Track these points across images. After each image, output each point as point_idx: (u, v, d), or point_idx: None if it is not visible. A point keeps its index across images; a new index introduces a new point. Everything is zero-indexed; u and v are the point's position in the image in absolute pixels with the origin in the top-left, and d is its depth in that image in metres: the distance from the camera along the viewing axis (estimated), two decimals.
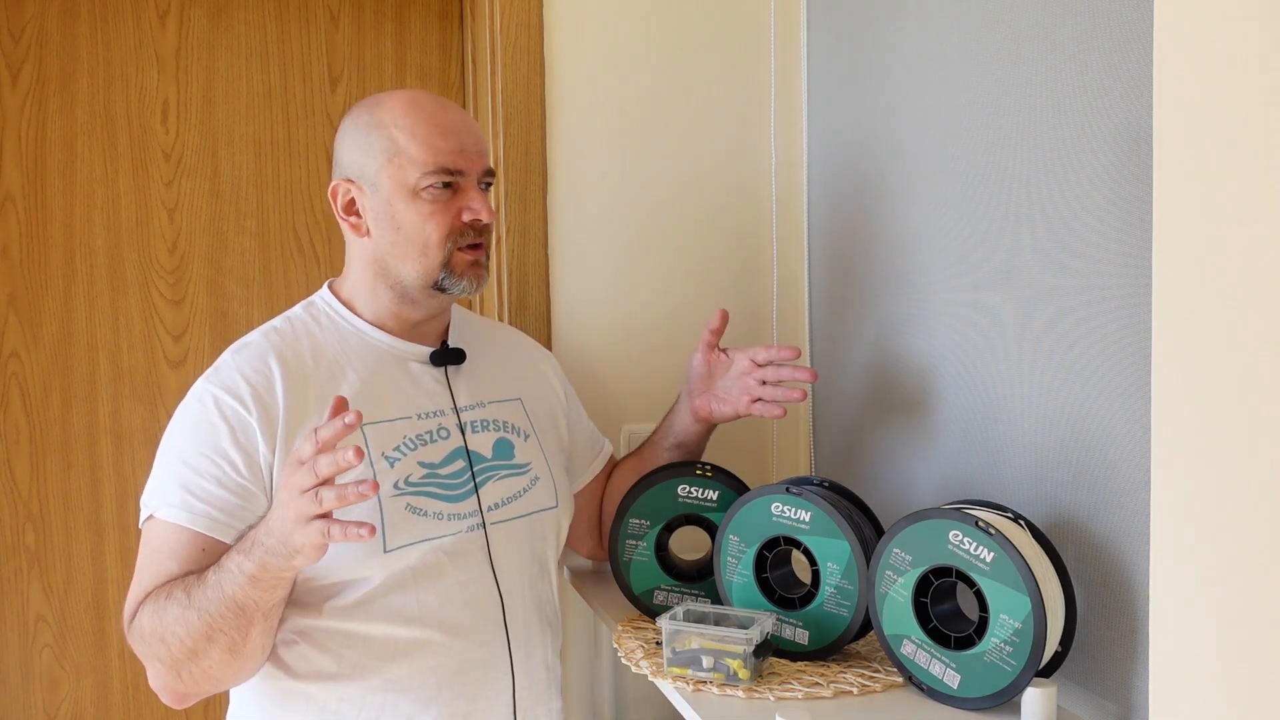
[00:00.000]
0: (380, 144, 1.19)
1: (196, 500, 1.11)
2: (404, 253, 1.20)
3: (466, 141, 1.20)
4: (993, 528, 1.03)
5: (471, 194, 1.20)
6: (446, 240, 1.19)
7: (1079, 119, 1.09)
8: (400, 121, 1.19)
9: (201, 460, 1.12)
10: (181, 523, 1.11)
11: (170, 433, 1.17)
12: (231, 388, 1.15)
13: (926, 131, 1.36)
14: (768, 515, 1.21)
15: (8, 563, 1.65)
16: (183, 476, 1.12)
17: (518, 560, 1.25)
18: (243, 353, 1.19)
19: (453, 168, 1.18)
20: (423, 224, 1.18)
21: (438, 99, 1.23)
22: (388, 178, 1.18)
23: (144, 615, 1.10)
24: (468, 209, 1.20)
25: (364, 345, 1.24)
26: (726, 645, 1.12)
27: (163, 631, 1.07)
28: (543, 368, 1.44)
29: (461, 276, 1.21)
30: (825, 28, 1.65)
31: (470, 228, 1.20)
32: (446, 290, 1.21)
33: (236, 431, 1.13)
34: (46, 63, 1.64)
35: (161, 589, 1.10)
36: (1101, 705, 1.09)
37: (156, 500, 1.13)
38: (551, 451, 1.35)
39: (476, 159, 1.21)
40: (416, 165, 1.17)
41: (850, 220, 1.58)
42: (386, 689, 1.15)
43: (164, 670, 1.10)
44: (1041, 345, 1.15)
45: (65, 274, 1.66)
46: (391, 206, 1.19)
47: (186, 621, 1.06)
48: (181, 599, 1.07)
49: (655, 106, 1.69)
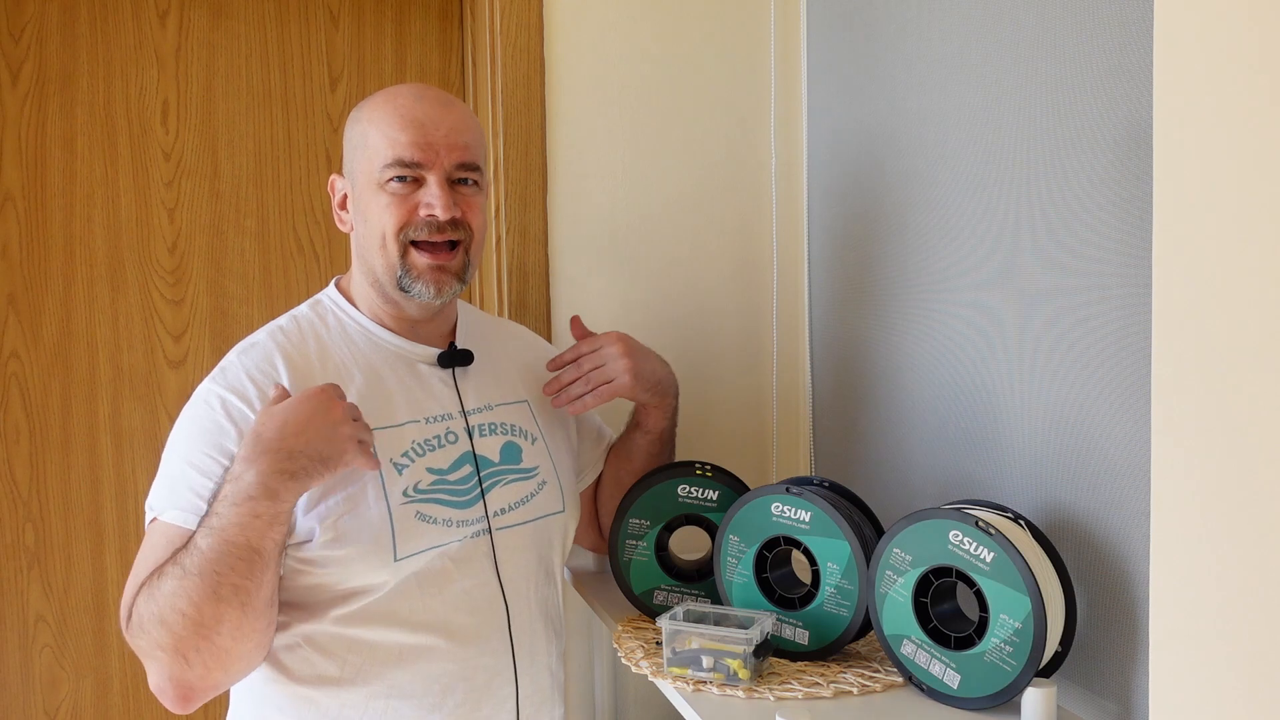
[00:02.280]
0: (357, 137, 1.20)
1: (200, 500, 1.09)
2: (370, 245, 1.19)
3: (434, 135, 1.17)
4: (993, 528, 1.03)
5: (431, 188, 1.17)
6: (399, 233, 1.17)
7: (1079, 119, 1.09)
8: (373, 114, 1.19)
9: (207, 462, 1.11)
10: (187, 525, 1.09)
11: (175, 434, 1.16)
12: (238, 389, 1.14)
13: (927, 131, 1.36)
14: (768, 515, 1.21)
15: (8, 563, 1.65)
16: (188, 478, 1.11)
17: (523, 566, 1.25)
18: (249, 353, 1.18)
19: (410, 159, 1.16)
20: (381, 215, 1.17)
21: (420, 91, 1.20)
22: (361, 171, 1.19)
23: (139, 605, 1.06)
24: (424, 204, 1.17)
25: (371, 346, 1.23)
26: (726, 645, 1.12)
27: (162, 612, 1.03)
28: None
29: (418, 279, 1.18)
30: (825, 27, 1.65)
31: (424, 223, 1.17)
32: (407, 291, 1.19)
33: (241, 430, 1.12)
34: (46, 63, 1.64)
35: (150, 576, 1.06)
36: (1101, 705, 1.09)
37: (162, 502, 1.12)
38: (559, 454, 1.34)
39: (445, 152, 1.17)
40: (379, 157, 1.17)
41: (850, 220, 1.58)
42: (389, 695, 1.14)
43: (169, 659, 1.04)
44: (1041, 345, 1.15)
45: (65, 274, 1.66)
46: (362, 199, 1.19)
47: (188, 591, 1.01)
48: (175, 572, 1.03)
49: (655, 106, 1.69)
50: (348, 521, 1.12)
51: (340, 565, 1.12)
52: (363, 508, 1.13)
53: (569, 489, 1.34)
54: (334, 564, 1.12)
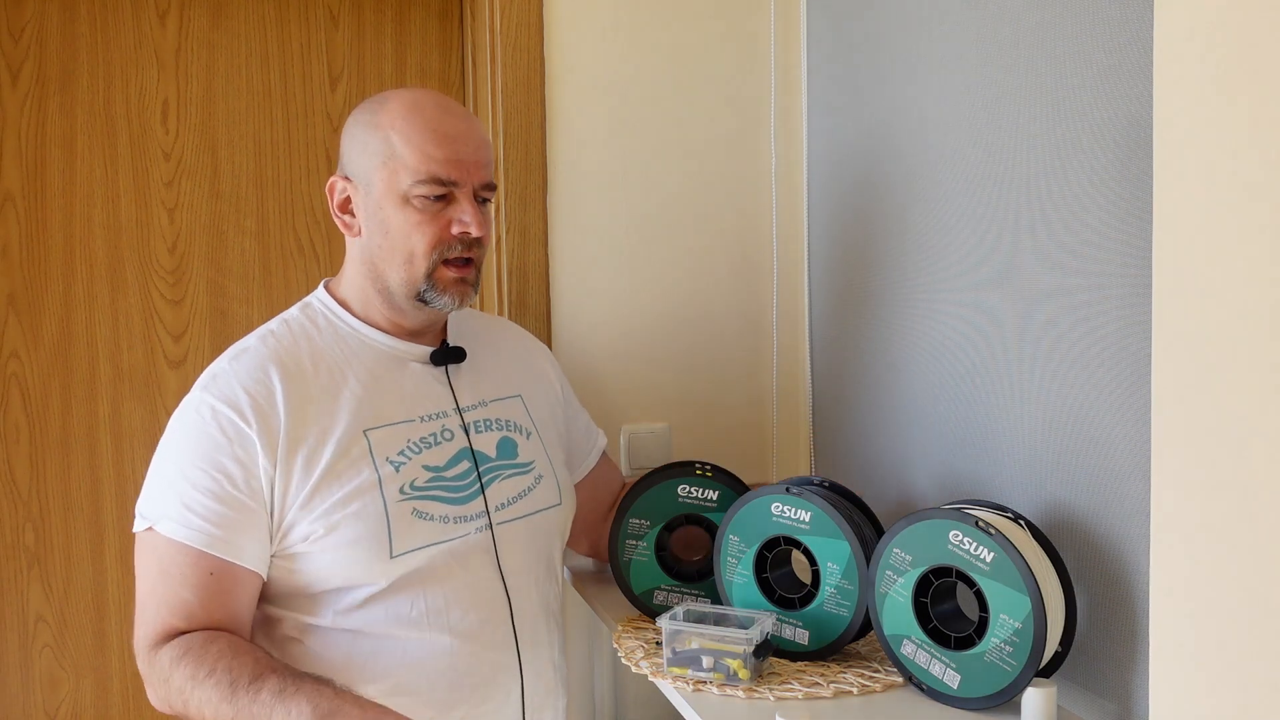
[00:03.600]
0: (376, 145, 1.17)
1: (194, 516, 1.10)
2: (390, 258, 1.18)
3: (464, 151, 1.17)
4: (993, 528, 1.03)
5: (464, 205, 1.17)
6: (432, 251, 1.17)
7: (1079, 119, 1.09)
8: (398, 124, 1.16)
9: (198, 474, 1.11)
10: (181, 539, 1.09)
11: (167, 442, 1.15)
12: (230, 399, 1.13)
13: (926, 131, 1.36)
14: (768, 515, 1.21)
15: (8, 563, 1.65)
16: (180, 490, 1.11)
17: (524, 560, 1.25)
18: (241, 360, 1.17)
19: (445, 178, 1.16)
20: (410, 232, 1.16)
21: (443, 103, 1.20)
22: (380, 180, 1.17)
23: (178, 671, 1.06)
24: (458, 221, 1.17)
25: (363, 347, 1.23)
26: (726, 645, 1.12)
27: (190, 699, 1.05)
28: (540, 362, 1.43)
29: (444, 292, 1.19)
30: (825, 28, 1.65)
31: (458, 240, 1.17)
32: (428, 303, 1.19)
33: (235, 445, 1.11)
34: (46, 63, 1.64)
35: (204, 653, 1.06)
36: (1101, 705, 1.09)
37: (155, 512, 1.12)
38: (553, 448, 1.35)
39: (475, 170, 1.18)
40: (409, 172, 1.15)
41: (850, 220, 1.58)
42: (395, 694, 1.14)
43: (178, 707, 1.08)
44: (1041, 345, 1.15)
45: (65, 274, 1.66)
46: (382, 210, 1.17)
47: (219, 715, 1.03)
48: (223, 689, 1.03)
49: (655, 106, 1.69)
50: (344, 519, 1.12)
51: (337, 562, 1.12)
52: (359, 505, 1.13)
53: (564, 482, 1.34)
54: (331, 561, 1.12)
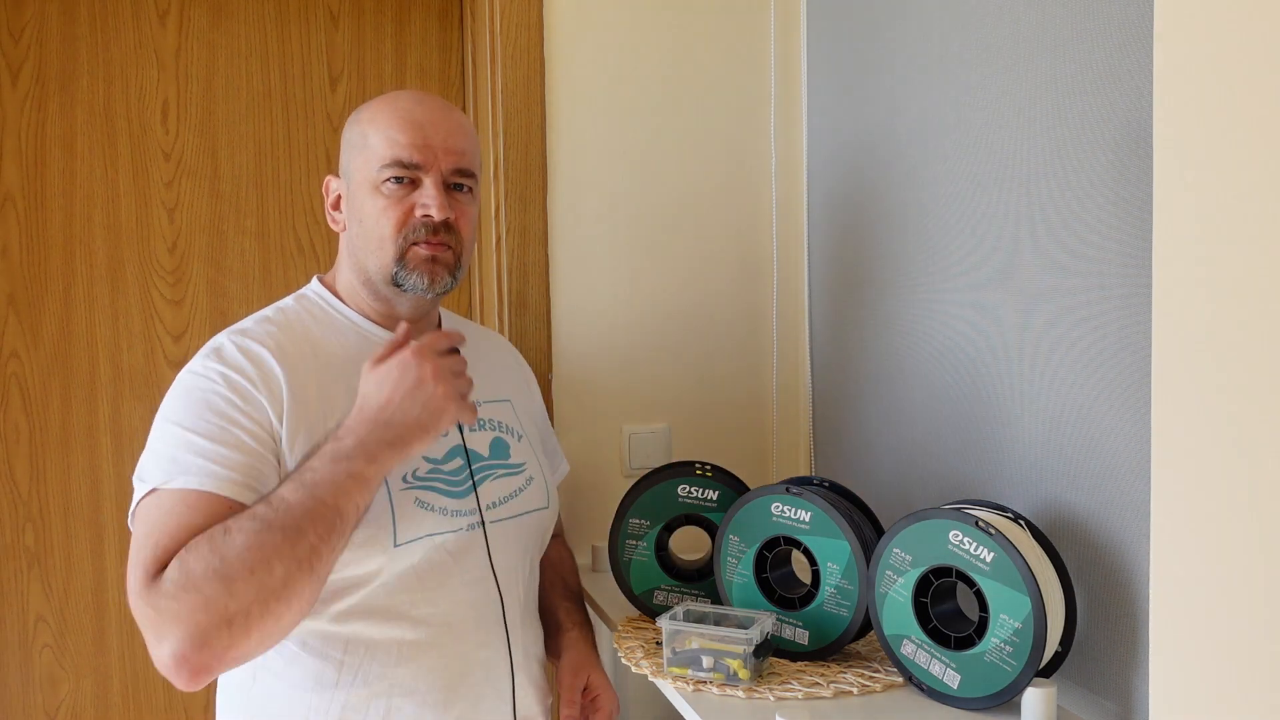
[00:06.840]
0: (355, 139, 1.21)
1: (208, 462, 1.05)
2: (365, 246, 1.19)
3: (432, 136, 1.18)
4: (993, 528, 1.03)
5: (428, 190, 1.17)
6: (398, 235, 1.17)
7: (1079, 119, 1.09)
8: (373, 116, 1.20)
9: (211, 427, 1.08)
10: (203, 488, 1.04)
11: (169, 408, 1.11)
12: (236, 365, 1.12)
13: (926, 131, 1.36)
14: (768, 515, 1.21)
15: (8, 563, 1.65)
16: (194, 444, 1.07)
17: (513, 559, 1.25)
18: (242, 337, 1.17)
19: (408, 160, 1.17)
20: (378, 217, 1.18)
21: (420, 95, 1.22)
22: (356, 171, 1.20)
23: (186, 563, 0.98)
24: (420, 205, 1.17)
25: (359, 337, 1.23)
26: (726, 645, 1.12)
27: (226, 568, 0.97)
28: (528, 375, 1.47)
29: (414, 270, 1.18)
30: (825, 28, 1.65)
31: (422, 224, 1.17)
32: (401, 285, 1.19)
33: (246, 404, 1.10)
34: (46, 63, 1.64)
35: (211, 530, 1.00)
36: (1101, 705, 1.09)
37: (165, 473, 1.06)
38: (539, 453, 1.36)
39: (444, 155, 1.18)
40: (377, 158, 1.17)
41: (850, 220, 1.58)
42: (391, 694, 1.14)
43: (208, 621, 0.96)
44: (1041, 345, 1.15)
45: (65, 274, 1.66)
46: (358, 199, 1.20)
47: (263, 545, 0.98)
48: (250, 526, 0.99)
49: (655, 106, 1.69)
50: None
51: None
52: None
53: (551, 486, 1.35)
54: None
